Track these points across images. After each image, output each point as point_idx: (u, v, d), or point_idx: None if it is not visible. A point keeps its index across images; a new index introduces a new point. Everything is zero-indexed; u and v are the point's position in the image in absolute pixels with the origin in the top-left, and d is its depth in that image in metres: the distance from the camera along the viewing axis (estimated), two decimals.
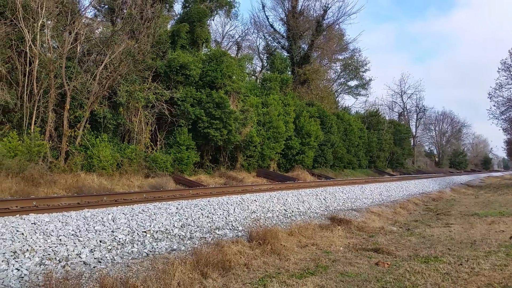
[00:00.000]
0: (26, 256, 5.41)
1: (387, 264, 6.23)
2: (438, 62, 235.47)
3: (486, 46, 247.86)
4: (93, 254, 5.96)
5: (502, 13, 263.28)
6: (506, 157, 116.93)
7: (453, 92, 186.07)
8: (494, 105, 37.81)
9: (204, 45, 24.81)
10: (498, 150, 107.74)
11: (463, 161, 76.99)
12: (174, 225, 7.77)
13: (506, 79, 35.79)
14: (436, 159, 75.35)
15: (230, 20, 37.51)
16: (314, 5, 44.45)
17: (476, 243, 7.87)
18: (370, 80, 48.80)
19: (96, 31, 18.97)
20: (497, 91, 36.82)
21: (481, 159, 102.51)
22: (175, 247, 6.90)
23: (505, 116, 38.81)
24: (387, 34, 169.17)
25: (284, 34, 39.03)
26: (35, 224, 6.36)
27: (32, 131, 14.42)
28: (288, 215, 10.97)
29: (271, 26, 40.67)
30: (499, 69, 35.88)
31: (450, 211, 13.98)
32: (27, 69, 14.79)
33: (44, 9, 15.07)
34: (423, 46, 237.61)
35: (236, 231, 8.39)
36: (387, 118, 52.80)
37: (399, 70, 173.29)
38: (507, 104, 37.23)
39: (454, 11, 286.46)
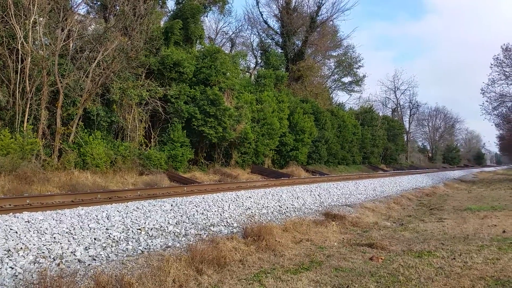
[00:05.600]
0: (20, 255, 5.38)
1: (381, 259, 6.28)
2: (417, 63, 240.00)
3: (461, 49, 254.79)
4: (87, 252, 5.95)
5: (472, 18, 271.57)
6: (498, 152, 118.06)
7: (434, 90, 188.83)
8: (487, 101, 38.14)
9: (197, 41, 24.72)
10: (491, 146, 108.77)
11: (456, 157, 77.54)
12: (169, 222, 7.76)
13: (498, 74, 36.10)
14: (430, 155, 75.85)
15: (224, 16, 37.43)
16: (308, 1, 44.58)
17: (469, 238, 7.94)
18: (364, 76, 48.97)
19: (89, 28, 18.83)
20: (489, 87, 37.12)
21: (474, 154, 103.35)
22: (170, 244, 6.90)
23: (497, 111, 39.17)
24: (362, 35, 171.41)
25: (278, 30, 39.02)
26: (29, 222, 6.33)
27: (24, 129, 14.32)
28: (283, 211, 11.00)
29: (265, 22, 40.65)
30: (491, 64, 36.19)
31: (443, 206, 14.08)
32: (19, 67, 14.66)
33: (36, 5, 14.92)
34: (400, 48, 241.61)
35: (231, 228, 8.40)
36: (380, 114, 53.02)
37: (381, 69, 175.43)
38: (499, 99, 37.55)
39: (425, 17, 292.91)
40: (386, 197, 16.22)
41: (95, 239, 6.35)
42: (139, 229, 7.13)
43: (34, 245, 5.69)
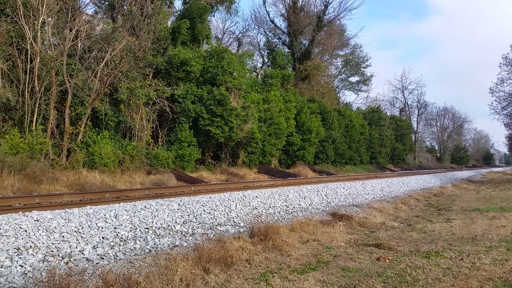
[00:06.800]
0: (29, 253, 5.44)
1: (388, 259, 6.26)
2: (421, 62, 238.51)
3: (465, 49, 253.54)
4: (95, 251, 6.00)
5: (475, 19, 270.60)
6: (507, 153, 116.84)
7: (439, 90, 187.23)
8: (496, 100, 37.75)
9: (204, 41, 24.79)
10: (500, 146, 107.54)
11: (464, 157, 76.86)
12: (176, 222, 7.80)
13: (507, 74, 35.70)
14: (438, 155, 75.30)
15: (231, 16, 37.55)
16: (315, 0, 44.35)
17: (477, 238, 7.88)
18: (371, 76, 48.84)
19: (97, 28, 18.95)
20: (498, 86, 36.75)
21: (482, 154, 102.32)
22: (177, 243, 6.93)
23: (506, 111, 38.75)
24: (366, 35, 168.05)
25: (285, 30, 38.99)
26: (38, 221, 6.40)
27: (34, 128, 14.45)
28: (290, 211, 11.00)
29: (272, 22, 40.65)
30: (500, 64, 35.81)
31: (451, 206, 13.99)
32: (28, 67, 14.80)
33: (44, 6, 15.06)
34: (403, 48, 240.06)
35: (238, 227, 8.42)
36: (388, 114, 52.76)
37: (385, 69, 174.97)
38: (508, 99, 37.16)
39: (428, 17, 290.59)
40: (394, 197, 16.15)
41: (103, 238, 6.39)
42: (147, 228, 7.18)
43: (43, 243, 5.75)
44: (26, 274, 5.01)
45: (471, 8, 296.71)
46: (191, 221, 8.07)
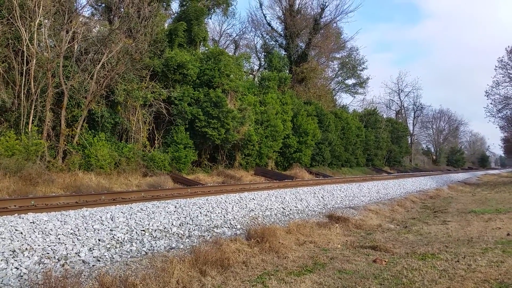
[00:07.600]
0: (25, 255, 5.41)
1: (385, 261, 6.27)
2: (415, 66, 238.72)
3: (460, 52, 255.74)
4: (92, 253, 5.98)
5: (467, 22, 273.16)
6: (503, 155, 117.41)
7: (434, 93, 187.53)
8: (491, 103, 38.02)
9: (201, 43, 24.81)
10: (495, 148, 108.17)
11: (460, 159, 77.16)
12: (172, 224, 7.79)
13: (502, 77, 36.00)
14: (434, 157, 75.59)
15: (228, 18, 37.50)
16: (312, 3, 44.52)
17: (473, 240, 7.91)
18: (368, 78, 48.97)
19: (94, 30, 18.92)
20: (493, 89, 37.02)
21: (478, 157, 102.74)
22: (173, 245, 6.92)
23: (502, 114, 39.05)
24: (362, 39, 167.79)
25: (282, 32, 39.03)
26: (33, 223, 6.37)
27: (29, 130, 14.40)
28: (286, 213, 11.01)
29: (269, 24, 40.68)
30: (496, 67, 36.10)
31: (447, 208, 14.04)
32: (24, 68, 14.76)
33: (41, 8, 15.02)
34: (400, 51, 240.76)
35: (234, 229, 8.41)
36: (384, 116, 52.91)
37: (379, 72, 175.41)
38: (503, 102, 37.44)
39: (423, 21, 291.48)
40: (390, 199, 16.19)
41: (99, 240, 6.37)
42: (143, 230, 7.16)
43: (39, 245, 5.72)
44: (22, 276, 4.99)
45: (463, 12, 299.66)
46: (187, 223, 8.06)
